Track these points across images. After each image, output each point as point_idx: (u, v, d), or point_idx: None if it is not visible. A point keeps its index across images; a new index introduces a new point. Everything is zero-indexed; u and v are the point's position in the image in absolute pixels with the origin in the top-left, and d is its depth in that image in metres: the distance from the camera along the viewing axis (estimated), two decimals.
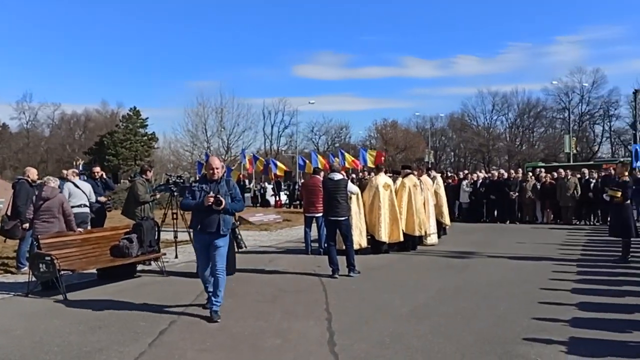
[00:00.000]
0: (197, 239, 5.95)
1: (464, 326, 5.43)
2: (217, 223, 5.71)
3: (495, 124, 68.41)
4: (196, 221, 5.80)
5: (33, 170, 8.99)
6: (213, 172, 5.83)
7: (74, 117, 77.12)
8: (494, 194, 17.90)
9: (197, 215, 5.80)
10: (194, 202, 5.77)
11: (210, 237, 5.75)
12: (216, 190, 5.75)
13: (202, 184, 5.88)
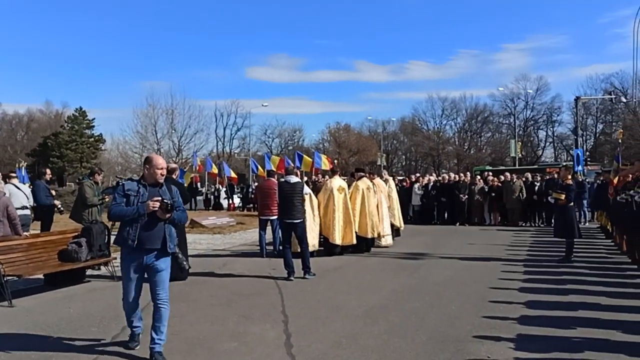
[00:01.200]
0: (128, 259, 4.57)
1: (418, 325, 5.58)
2: (161, 238, 4.54)
3: (445, 129, 70.36)
4: (128, 235, 4.48)
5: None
6: (156, 173, 4.59)
7: (15, 118, 73.69)
8: (444, 196, 18.41)
9: (131, 227, 4.49)
10: (130, 210, 4.46)
11: (149, 257, 4.52)
12: (157, 196, 4.53)
13: (138, 187, 4.58)
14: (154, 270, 4.57)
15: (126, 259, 4.60)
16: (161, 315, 4.56)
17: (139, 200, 4.51)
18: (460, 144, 68.79)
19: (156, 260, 4.56)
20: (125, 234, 4.51)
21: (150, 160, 4.66)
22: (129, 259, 4.58)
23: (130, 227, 4.49)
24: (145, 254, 4.52)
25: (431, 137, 68.23)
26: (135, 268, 4.58)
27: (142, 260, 4.54)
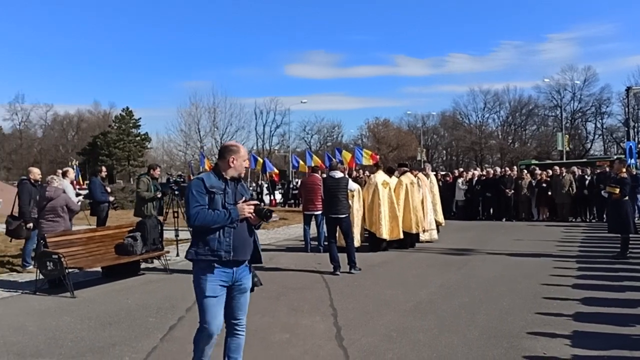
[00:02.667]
0: (216, 275, 3.51)
1: (469, 321, 5.53)
2: (251, 247, 3.69)
3: (487, 122, 68.88)
4: (219, 244, 3.50)
5: (35, 170, 9.04)
6: (242, 166, 3.71)
7: (66, 118, 76.70)
8: (489, 191, 18.06)
9: (221, 234, 3.50)
10: (221, 216, 3.47)
11: (239, 271, 3.60)
12: (240, 194, 3.68)
13: (223, 184, 3.61)
14: (241, 289, 3.65)
15: (212, 275, 3.49)
16: (239, 345, 3.79)
17: (227, 201, 3.55)
18: (503, 138, 67.21)
19: (244, 275, 3.66)
20: (213, 243, 3.48)
21: (235, 150, 3.68)
22: (217, 275, 3.50)
23: (221, 234, 3.49)
24: (235, 267, 3.57)
25: (473, 131, 66.95)
26: (222, 286, 3.54)
27: (231, 276, 3.56)
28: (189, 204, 3.49)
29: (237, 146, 3.73)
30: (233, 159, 3.65)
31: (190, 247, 3.58)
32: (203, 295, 3.50)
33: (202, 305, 3.54)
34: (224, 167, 3.67)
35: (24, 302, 6.61)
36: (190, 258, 3.58)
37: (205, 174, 3.64)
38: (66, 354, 4.60)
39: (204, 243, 3.50)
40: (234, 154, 3.67)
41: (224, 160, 3.65)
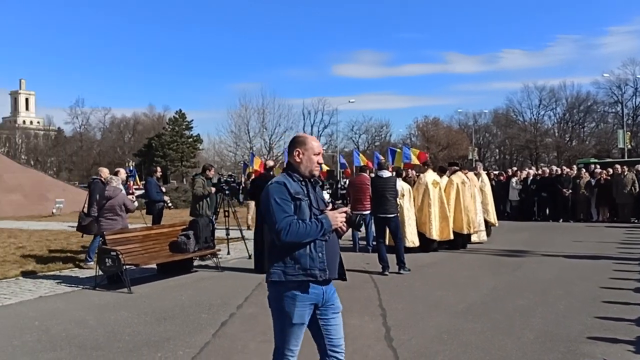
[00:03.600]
0: (307, 297, 2.88)
1: (523, 324, 5.37)
2: (339, 261, 3.08)
3: (543, 120, 66.71)
4: (312, 261, 2.87)
5: (105, 170, 9.44)
6: (313, 162, 3.02)
7: (123, 121, 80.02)
8: (545, 191, 17.43)
9: (313, 249, 2.88)
10: (314, 228, 2.83)
11: (328, 290, 2.99)
12: (319, 198, 3.04)
13: (302, 188, 2.95)
14: (333, 308, 3.04)
15: (302, 298, 2.86)
16: None
17: (311, 211, 2.92)
18: (560, 136, 64.79)
19: (333, 293, 3.05)
20: (305, 260, 2.84)
21: (301, 141, 3.05)
22: (307, 298, 2.88)
23: (312, 248, 2.87)
24: (325, 285, 2.97)
25: (527, 128, 64.92)
26: (311, 309, 2.94)
27: (321, 297, 2.95)
28: (274, 215, 2.81)
29: (304, 136, 3.09)
30: (299, 152, 3.00)
31: (274, 266, 2.87)
32: (290, 322, 2.89)
33: (287, 333, 2.93)
34: (294, 164, 3.01)
35: (84, 297, 6.92)
36: (277, 280, 2.85)
37: (283, 176, 2.96)
38: (124, 347, 4.79)
39: (293, 261, 2.84)
40: (300, 145, 3.01)
41: (291, 156, 3.02)
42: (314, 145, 3.03)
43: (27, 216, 22.00)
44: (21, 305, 6.48)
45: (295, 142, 3.06)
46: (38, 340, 5.04)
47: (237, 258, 9.85)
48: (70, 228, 15.91)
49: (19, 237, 13.46)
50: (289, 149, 3.08)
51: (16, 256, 10.03)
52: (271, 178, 9.24)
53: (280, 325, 2.96)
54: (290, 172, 3.00)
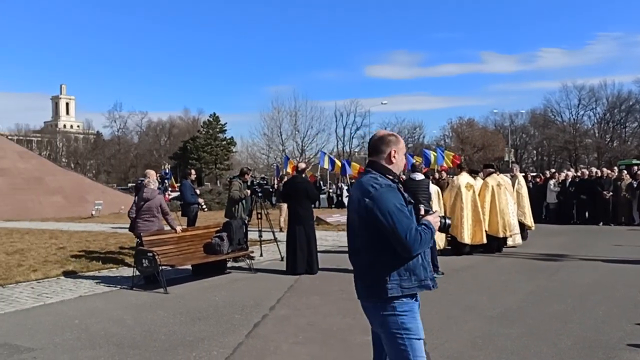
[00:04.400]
0: (417, 313, 2.70)
1: (561, 329, 5.24)
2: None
3: (582, 120, 64.91)
4: (425, 271, 2.66)
5: (152, 172, 9.58)
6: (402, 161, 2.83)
7: (159, 124, 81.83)
8: (584, 193, 16.94)
9: (423, 258, 2.68)
10: (428, 234, 2.61)
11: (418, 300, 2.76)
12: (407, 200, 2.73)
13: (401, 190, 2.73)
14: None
15: (417, 309, 2.69)
16: None
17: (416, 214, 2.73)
18: (600, 136, 62.91)
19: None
20: (419, 271, 2.62)
21: (395, 140, 2.81)
22: (418, 308, 2.71)
23: (423, 257, 2.67)
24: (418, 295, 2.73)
25: (566, 129, 63.28)
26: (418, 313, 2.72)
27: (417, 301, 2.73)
28: (401, 223, 2.50)
29: (396, 135, 2.87)
30: (394, 152, 2.76)
31: (387, 280, 2.55)
32: (417, 337, 2.62)
33: (413, 350, 2.60)
34: (387, 165, 2.74)
35: (122, 296, 7.11)
36: (396, 295, 2.57)
37: (379, 178, 2.65)
38: (160, 346, 4.90)
39: (409, 272, 2.59)
40: (395, 145, 2.78)
41: (382, 155, 2.74)
42: (404, 145, 2.88)
43: (68, 217, 22.73)
44: (62, 304, 6.71)
45: (389, 141, 2.79)
46: (78, 338, 5.20)
47: (269, 260, 9.93)
48: (110, 229, 16.38)
49: (60, 238, 13.92)
50: (379, 148, 2.77)
51: (57, 256, 10.38)
52: (303, 180, 9.33)
53: (402, 344, 2.60)
54: (383, 173, 2.70)
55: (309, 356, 4.66)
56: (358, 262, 2.73)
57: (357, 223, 2.69)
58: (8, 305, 6.60)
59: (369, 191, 2.61)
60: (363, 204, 2.61)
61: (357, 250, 2.72)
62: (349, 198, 2.99)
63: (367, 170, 2.80)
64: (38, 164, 27.88)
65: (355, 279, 2.77)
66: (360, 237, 2.68)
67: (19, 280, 8.05)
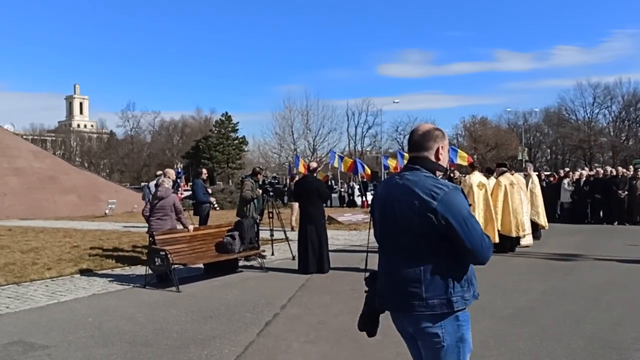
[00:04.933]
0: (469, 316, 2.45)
1: (574, 330, 5.19)
2: None
3: (597, 118, 64.19)
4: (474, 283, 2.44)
5: (171, 171, 9.63)
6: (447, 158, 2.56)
7: (172, 124, 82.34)
8: (599, 193, 16.74)
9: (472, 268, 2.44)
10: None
11: None
12: None
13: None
14: None
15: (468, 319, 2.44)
16: None
17: None
18: (616, 135, 62.15)
19: None
20: (474, 280, 2.43)
21: (442, 135, 2.50)
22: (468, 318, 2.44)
23: (472, 266, 2.44)
24: None
25: (581, 127, 62.61)
26: None
27: None
28: (475, 230, 2.27)
29: (442, 130, 2.53)
30: (441, 148, 2.48)
31: (452, 292, 2.30)
32: (469, 350, 2.45)
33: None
34: (436, 162, 2.45)
35: (135, 295, 7.17)
36: (461, 308, 2.34)
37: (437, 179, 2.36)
38: (172, 344, 4.94)
39: (467, 283, 2.37)
40: (441, 140, 2.49)
41: (430, 152, 2.45)
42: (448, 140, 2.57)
43: (81, 216, 22.98)
44: (76, 302, 6.78)
45: (436, 136, 2.47)
46: (91, 335, 5.26)
47: (281, 259, 9.96)
48: (123, 228, 16.53)
49: (74, 236, 14.08)
50: (423, 144, 2.45)
51: (71, 255, 10.50)
52: (314, 180, 9.32)
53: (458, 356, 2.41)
54: (433, 171, 2.42)
55: (320, 355, 4.67)
56: (407, 272, 2.34)
57: (412, 227, 2.30)
58: (23, 303, 6.70)
59: (434, 192, 2.27)
60: (425, 207, 2.25)
61: (407, 258, 2.34)
62: (381, 199, 2.51)
63: (412, 167, 2.43)
64: (52, 163, 28.20)
65: (394, 290, 2.40)
66: (413, 245, 2.32)
67: (34, 279, 8.16)
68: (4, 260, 9.87)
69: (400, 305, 2.41)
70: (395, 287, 2.39)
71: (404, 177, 2.40)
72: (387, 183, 2.56)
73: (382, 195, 2.52)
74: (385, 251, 2.52)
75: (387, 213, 2.44)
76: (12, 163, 25.28)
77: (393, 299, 2.42)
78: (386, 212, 2.45)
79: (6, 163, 25.01)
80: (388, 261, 2.47)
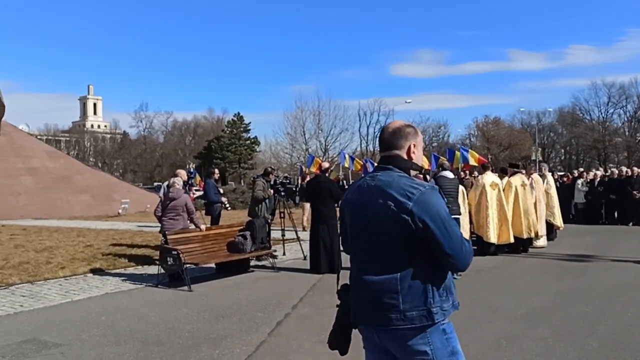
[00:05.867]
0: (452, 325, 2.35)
1: (587, 331, 5.14)
2: None
3: (612, 118, 63.33)
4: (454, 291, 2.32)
5: (183, 172, 9.67)
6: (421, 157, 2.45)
7: (184, 124, 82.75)
8: (613, 193, 16.55)
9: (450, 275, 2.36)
10: None
11: None
12: None
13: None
14: None
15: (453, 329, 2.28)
16: None
17: None
18: (631, 135, 61.29)
19: None
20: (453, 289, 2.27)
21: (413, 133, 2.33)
22: None
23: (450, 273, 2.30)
24: None
25: (595, 127, 61.86)
26: None
27: None
28: (454, 232, 2.12)
29: (414, 126, 2.35)
30: (413, 146, 2.30)
31: (431, 302, 2.11)
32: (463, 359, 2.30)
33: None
34: (410, 162, 2.28)
35: (147, 294, 7.22)
36: (442, 319, 2.16)
37: (413, 180, 2.19)
38: (183, 344, 4.96)
39: (446, 292, 2.18)
40: (413, 137, 2.31)
41: (402, 151, 2.28)
42: (422, 137, 2.41)
43: (95, 216, 23.20)
44: (89, 300, 6.84)
45: (407, 133, 2.30)
46: (104, 334, 5.30)
47: (292, 259, 9.97)
48: (136, 228, 16.67)
49: (87, 236, 14.22)
50: (393, 142, 2.28)
51: (85, 254, 10.60)
52: (326, 180, 9.32)
53: None
54: (408, 172, 2.24)
55: (331, 355, 4.63)
56: (381, 281, 2.13)
57: (386, 231, 2.12)
58: (37, 301, 6.78)
59: (410, 192, 2.10)
60: (400, 208, 2.09)
61: (381, 266, 2.14)
62: (351, 202, 2.32)
63: (384, 167, 2.27)
64: (66, 163, 28.49)
65: (368, 302, 2.17)
66: (388, 250, 2.13)
67: (48, 278, 8.25)
68: (19, 259, 10.00)
69: (375, 319, 2.17)
70: (369, 298, 2.16)
71: (376, 178, 2.22)
72: (358, 185, 2.34)
73: (353, 197, 2.32)
74: (356, 258, 2.30)
75: (359, 216, 2.25)
76: (26, 163, 25.58)
77: (367, 312, 2.19)
78: (358, 215, 2.26)
79: (21, 163, 25.31)
80: (360, 270, 2.23)
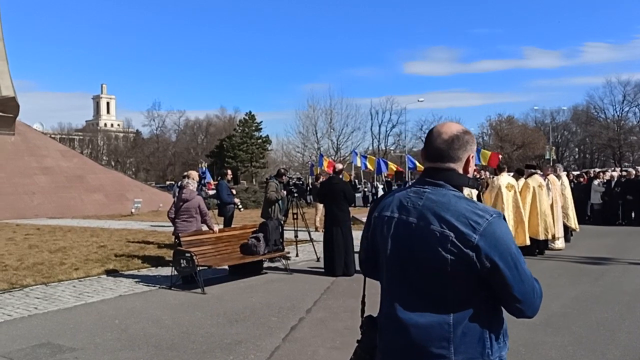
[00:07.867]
0: None
1: (608, 339, 5.02)
2: None
3: (627, 116, 62.52)
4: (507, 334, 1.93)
5: (194, 174, 9.62)
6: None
7: (196, 123, 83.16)
8: (631, 194, 16.27)
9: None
10: None
11: None
12: None
13: None
14: None
15: None
16: None
17: None
18: None
19: None
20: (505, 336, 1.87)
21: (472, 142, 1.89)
22: None
23: None
24: None
25: (610, 126, 61.13)
26: None
27: None
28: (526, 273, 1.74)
29: (471, 133, 1.89)
30: (471, 158, 1.87)
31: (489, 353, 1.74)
32: None
33: None
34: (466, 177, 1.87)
35: (160, 296, 7.19)
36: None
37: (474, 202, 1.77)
38: (197, 349, 4.92)
39: (504, 336, 1.84)
40: (472, 147, 1.87)
41: (459, 164, 1.84)
42: None
43: (108, 215, 23.34)
44: (103, 303, 6.83)
45: (467, 142, 1.84)
46: (118, 338, 5.27)
47: (305, 260, 9.91)
48: (149, 227, 16.72)
49: (101, 236, 14.28)
50: (450, 152, 1.82)
51: (98, 255, 10.63)
52: (340, 181, 9.23)
53: None
54: (461, 190, 1.84)
55: None
56: (429, 325, 1.74)
57: (441, 267, 1.70)
58: (51, 304, 6.78)
59: (474, 222, 1.68)
60: (463, 241, 1.67)
61: (427, 305, 1.75)
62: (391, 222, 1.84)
63: (434, 182, 1.81)
64: (80, 162, 28.69)
65: (408, 350, 1.77)
66: (439, 288, 1.73)
67: (62, 279, 8.27)
68: (33, 260, 10.05)
69: None
70: (410, 345, 1.76)
71: (425, 196, 1.79)
72: (398, 199, 1.86)
73: (392, 217, 1.84)
74: (390, 290, 1.88)
75: (402, 241, 1.80)
76: (40, 162, 25.80)
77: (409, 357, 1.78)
78: (400, 239, 1.81)
79: (35, 162, 25.53)
80: (396, 306, 1.81)
